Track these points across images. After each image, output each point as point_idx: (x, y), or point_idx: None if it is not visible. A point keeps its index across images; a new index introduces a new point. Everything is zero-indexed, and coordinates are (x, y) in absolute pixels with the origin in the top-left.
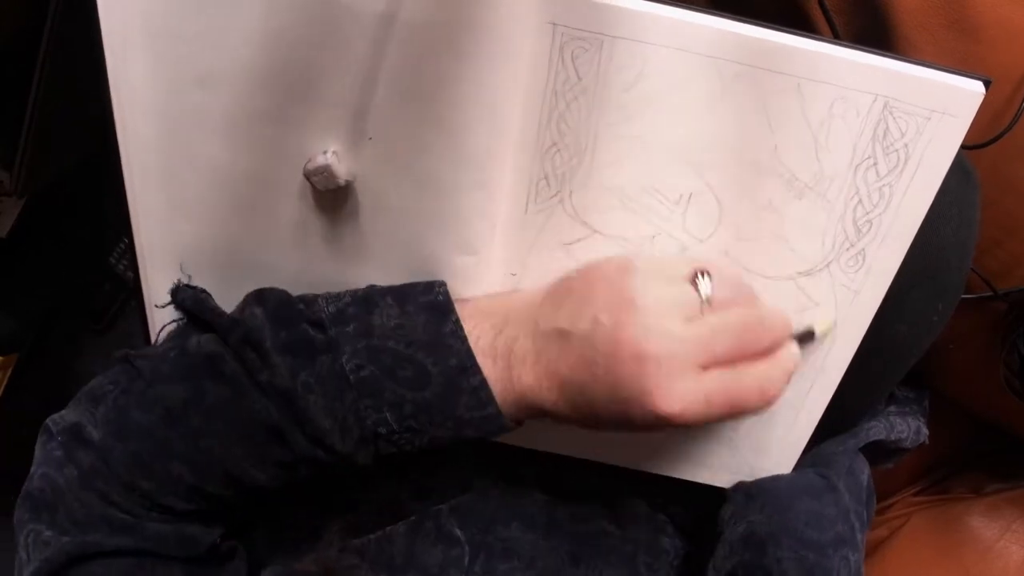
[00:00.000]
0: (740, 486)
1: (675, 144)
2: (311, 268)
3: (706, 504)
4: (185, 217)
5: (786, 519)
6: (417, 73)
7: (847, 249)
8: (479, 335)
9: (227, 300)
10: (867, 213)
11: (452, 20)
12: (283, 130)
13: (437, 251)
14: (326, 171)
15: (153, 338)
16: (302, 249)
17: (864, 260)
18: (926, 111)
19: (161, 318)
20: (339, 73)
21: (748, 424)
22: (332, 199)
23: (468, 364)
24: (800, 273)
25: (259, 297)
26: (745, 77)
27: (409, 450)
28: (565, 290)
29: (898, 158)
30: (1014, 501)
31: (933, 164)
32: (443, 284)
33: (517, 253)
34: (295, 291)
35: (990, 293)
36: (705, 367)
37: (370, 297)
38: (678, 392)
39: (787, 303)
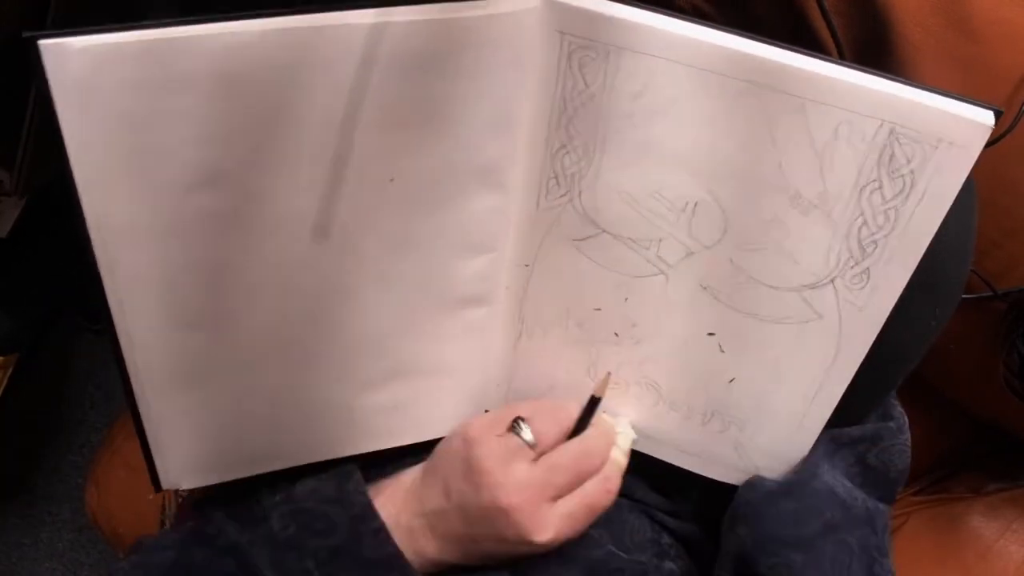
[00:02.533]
0: (732, 503)
1: (680, 154)
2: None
3: (706, 526)
4: (188, 327)
5: (764, 526)
6: (431, 99)
7: (852, 267)
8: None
9: (243, 392)
10: (872, 234)
11: (463, 40)
12: (299, 201)
13: (458, 259)
14: None
15: (159, 467)
16: (320, 308)
17: (869, 279)
18: (933, 139)
19: (167, 440)
20: (350, 123)
21: (753, 429)
22: (343, 243)
23: (368, 512)
24: (805, 286)
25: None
26: (750, 94)
27: None
28: (432, 470)
29: (904, 183)
30: (1014, 501)
31: (940, 191)
32: (353, 467)
33: (529, 246)
34: (311, 358)
35: (990, 293)
36: (555, 498)
37: (295, 468)
38: (545, 524)
39: (791, 313)
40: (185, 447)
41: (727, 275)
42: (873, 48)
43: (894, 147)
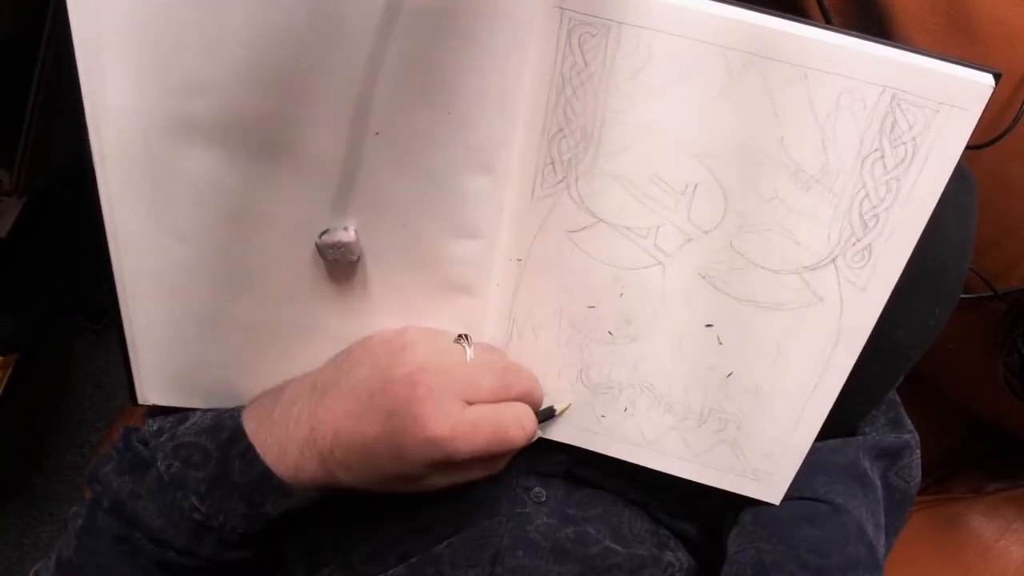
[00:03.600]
0: (748, 512)
1: (681, 133)
2: (309, 270)
3: (707, 518)
4: (174, 237)
5: (788, 547)
6: (425, 62)
7: (853, 244)
8: (261, 409)
9: (221, 315)
10: (874, 207)
11: (460, 6)
12: (283, 132)
13: (443, 237)
14: (344, 247)
15: (135, 378)
16: (300, 248)
17: (870, 255)
18: (935, 104)
19: (145, 351)
20: (343, 69)
21: (751, 426)
22: (334, 200)
23: (236, 435)
24: (806, 268)
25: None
26: (752, 66)
27: (235, 537)
28: (344, 353)
29: (906, 151)
30: (1014, 501)
31: (941, 158)
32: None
33: (522, 239)
34: (290, 300)
35: (990, 293)
36: (471, 402)
37: (184, 413)
38: (446, 416)
39: (792, 298)
40: (158, 359)
41: (726, 261)
42: None
43: (896, 114)
